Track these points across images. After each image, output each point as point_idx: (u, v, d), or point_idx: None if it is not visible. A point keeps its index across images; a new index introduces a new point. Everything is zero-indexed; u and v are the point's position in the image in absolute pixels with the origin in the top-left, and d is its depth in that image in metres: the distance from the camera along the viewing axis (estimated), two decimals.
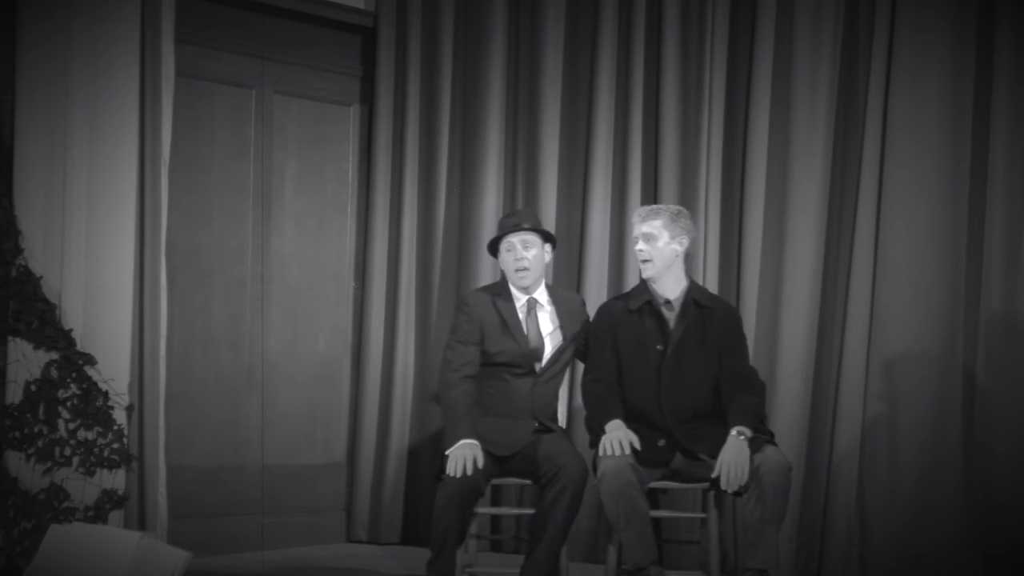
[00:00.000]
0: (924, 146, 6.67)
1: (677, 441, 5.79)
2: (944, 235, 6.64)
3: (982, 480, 6.51)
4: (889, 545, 6.63)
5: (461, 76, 7.69)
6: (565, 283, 7.27)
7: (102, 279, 6.45)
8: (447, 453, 5.76)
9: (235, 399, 7.37)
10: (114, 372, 6.45)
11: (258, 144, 7.47)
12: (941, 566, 6.54)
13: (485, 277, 7.32)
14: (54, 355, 6.34)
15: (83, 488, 6.35)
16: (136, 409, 6.49)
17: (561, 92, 7.45)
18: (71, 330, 6.37)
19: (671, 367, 5.82)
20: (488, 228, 7.36)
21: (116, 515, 6.40)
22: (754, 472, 5.58)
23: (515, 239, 5.98)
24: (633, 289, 6.12)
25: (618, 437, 5.67)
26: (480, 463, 5.71)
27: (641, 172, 7.21)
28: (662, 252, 5.84)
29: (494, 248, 6.07)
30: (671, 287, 5.89)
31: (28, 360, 6.32)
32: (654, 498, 5.91)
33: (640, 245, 5.87)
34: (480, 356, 5.97)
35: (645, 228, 5.86)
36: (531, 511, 5.90)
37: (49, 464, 6.33)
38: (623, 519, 5.62)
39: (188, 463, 7.08)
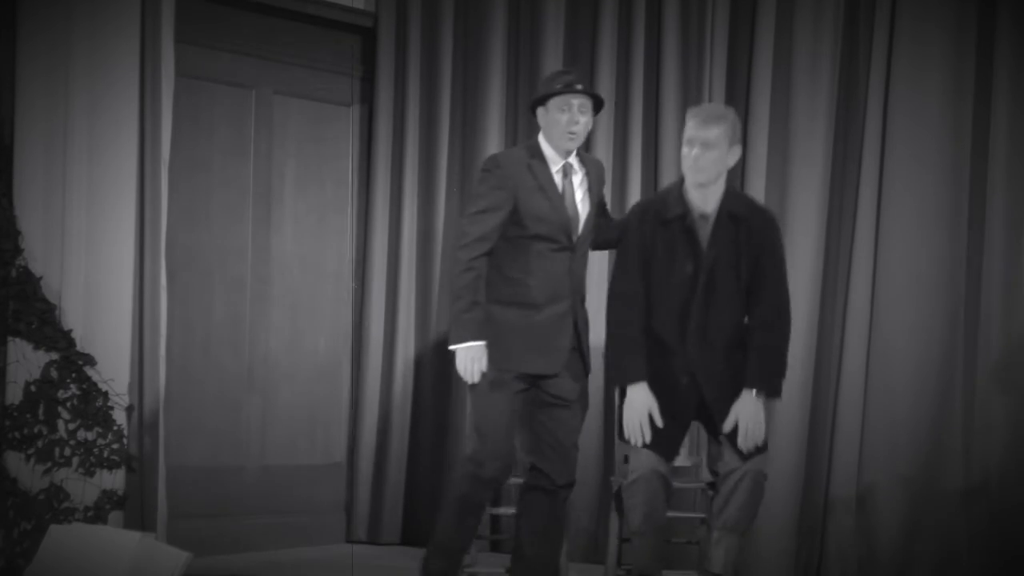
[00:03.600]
0: (925, 141, 6.67)
1: (698, 384, 5.41)
2: (945, 233, 6.63)
3: (982, 480, 6.51)
4: (889, 545, 6.63)
5: (461, 76, 7.69)
6: None
7: (102, 279, 6.45)
8: (451, 348, 5.42)
9: (235, 399, 7.37)
10: (114, 372, 6.44)
11: (258, 144, 7.46)
12: (941, 566, 6.54)
13: None
14: (54, 355, 6.34)
15: (83, 488, 6.34)
16: (136, 409, 6.48)
17: None
18: (71, 330, 6.37)
19: (701, 299, 5.36)
20: None
21: (116, 515, 6.39)
22: (730, 476, 5.41)
23: (575, 100, 5.49)
24: (667, 194, 5.54)
25: (639, 420, 5.35)
26: (484, 366, 5.36)
27: (641, 171, 7.21)
28: (716, 163, 5.34)
29: (539, 102, 5.57)
30: (711, 199, 5.38)
31: (28, 360, 6.31)
32: None
33: (696, 150, 5.32)
34: (511, 229, 5.44)
35: (704, 134, 5.32)
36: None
37: (49, 464, 6.32)
38: (644, 523, 5.42)
39: (188, 463, 7.07)
